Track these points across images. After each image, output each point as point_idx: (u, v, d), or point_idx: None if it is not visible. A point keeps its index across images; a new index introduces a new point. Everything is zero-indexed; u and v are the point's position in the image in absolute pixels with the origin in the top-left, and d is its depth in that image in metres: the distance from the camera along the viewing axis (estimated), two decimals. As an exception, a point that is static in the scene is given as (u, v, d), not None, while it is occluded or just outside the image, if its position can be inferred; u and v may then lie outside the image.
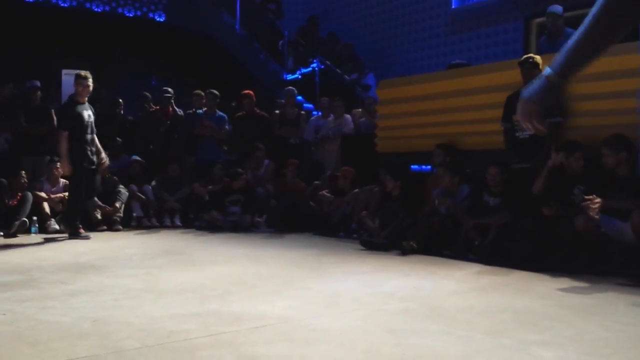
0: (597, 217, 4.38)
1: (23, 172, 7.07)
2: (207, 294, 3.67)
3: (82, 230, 6.45)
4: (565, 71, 1.40)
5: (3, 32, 10.53)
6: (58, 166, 7.28)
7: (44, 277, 4.16)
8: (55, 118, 7.91)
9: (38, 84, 7.99)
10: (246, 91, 8.60)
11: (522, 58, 5.45)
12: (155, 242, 6.27)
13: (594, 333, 2.87)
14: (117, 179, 7.47)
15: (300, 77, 12.13)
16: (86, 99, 6.60)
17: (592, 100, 5.11)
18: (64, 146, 6.37)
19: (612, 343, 2.67)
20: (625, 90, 4.85)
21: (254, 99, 8.54)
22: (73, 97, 6.59)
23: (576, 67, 1.41)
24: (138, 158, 8.00)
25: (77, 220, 6.49)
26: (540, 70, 5.32)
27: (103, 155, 6.70)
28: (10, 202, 6.80)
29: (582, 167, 4.94)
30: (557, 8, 6.33)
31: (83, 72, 6.57)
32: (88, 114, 6.53)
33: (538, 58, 5.42)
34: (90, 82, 6.51)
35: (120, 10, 11.73)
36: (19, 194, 6.86)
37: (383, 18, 12.68)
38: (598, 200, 4.35)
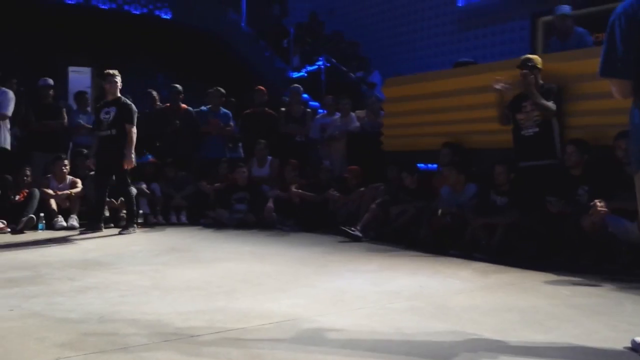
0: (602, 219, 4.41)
1: (27, 168, 7.11)
2: (214, 291, 3.68)
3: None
4: None
5: (10, 29, 10.56)
6: (65, 163, 7.31)
7: (51, 274, 4.18)
8: (65, 116, 8.00)
9: (51, 82, 8.05)
10: (259, 87, 8.65)
11: (520, 60, 5.43)
12: (161, 239, 6.29)
13: (601, 333, 2.87)
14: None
15: (306, 75, 12.13)
16: None
17: (597, 99, 5.08)
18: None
19: (619, 343, 2.66)
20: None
21: (266, 95, 8.58)
22: None
23: None
24: (152, 158, 8.04)
25: None
26: (540, 70, 5.33)
27: None
28: (16, 199, 6.83)
29: (581, 163, 4.93)
30: (565, 8, 6.28)
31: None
32: None
33: (536, 58, 5.42)
34: None
35: (126, 7, 11.74)
36: (25, 190, 6.89)
37: (389, 16, 12.66)
38: (603, 206, 4.37)
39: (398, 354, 2.52)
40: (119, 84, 6.75)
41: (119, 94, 6.76)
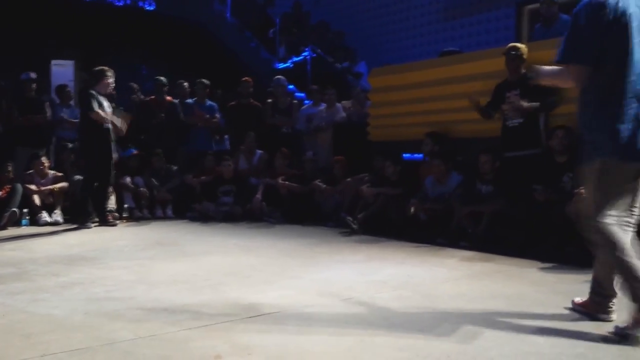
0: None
1: (9, 164, 7.01)
2: (200, 285, 3.66)
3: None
4: None
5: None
6: (43, 161, 7.20)
7: (36, 270, 4.14)
8: (48, 110, 7.91)
9: (34, 75, 7.94)
10: (245, 78, 8.60)
11: (506, 48, 5.43)
12: (147, 233, 6.25)
13: (587, 319, 2.89)
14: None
15: (292, 65, 12.07)
16: None
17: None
18: None
19: (605, 329, 2.69)
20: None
21: (252, 86, 8.52)
22: None
23: None
24: (135, 151, 7.97)
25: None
26: (525, 60, 5.32)
27: None
28: (-2, 195, 6.75)
29: (568, 149, 4.95)
30: None
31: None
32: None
33: (523, 47, 5.43)
34: None
35: (109, -1, 11.60)
36: (7, 186, 6.80)
37: (374, 5, 12.62)
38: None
39: (386, 343, 2.52)
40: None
41: None
